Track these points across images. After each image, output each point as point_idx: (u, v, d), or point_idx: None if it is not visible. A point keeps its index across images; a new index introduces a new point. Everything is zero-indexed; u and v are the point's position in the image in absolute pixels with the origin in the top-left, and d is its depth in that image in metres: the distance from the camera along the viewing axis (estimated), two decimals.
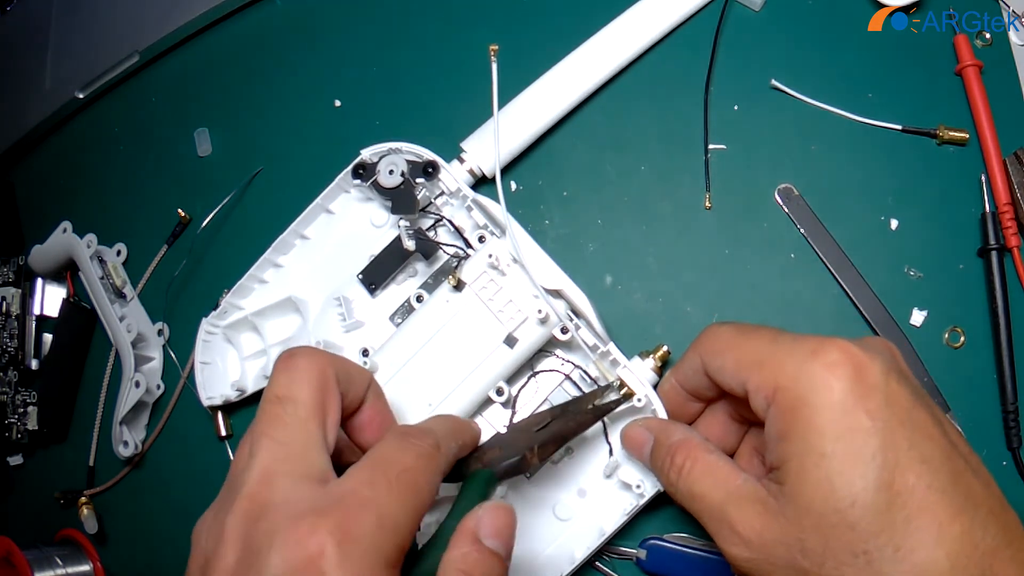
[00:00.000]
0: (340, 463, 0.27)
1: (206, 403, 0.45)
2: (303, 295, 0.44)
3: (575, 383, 0.40)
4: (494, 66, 0.39)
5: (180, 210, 0.50)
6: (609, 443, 0.39)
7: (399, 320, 0.43)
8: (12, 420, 0.53)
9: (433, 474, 0.27)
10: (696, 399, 0.36)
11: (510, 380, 0.40)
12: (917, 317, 0.39)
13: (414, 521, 0.25)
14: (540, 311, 0.38)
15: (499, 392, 0.39)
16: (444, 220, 0.42)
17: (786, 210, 0.41)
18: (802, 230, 0.41)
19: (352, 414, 0.31)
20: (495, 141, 0.40)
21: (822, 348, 0.27)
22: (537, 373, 0.41)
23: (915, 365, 0.39)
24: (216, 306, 0.45)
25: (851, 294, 0.40)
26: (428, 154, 0.41)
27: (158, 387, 0.49)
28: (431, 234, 0.42)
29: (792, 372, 0.28)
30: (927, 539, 0.25)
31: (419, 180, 0.41)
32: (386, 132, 0.45)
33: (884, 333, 0.39)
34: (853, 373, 0.27)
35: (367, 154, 0.42)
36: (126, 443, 0.47)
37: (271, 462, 0.25)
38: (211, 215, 0.48)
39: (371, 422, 0.31)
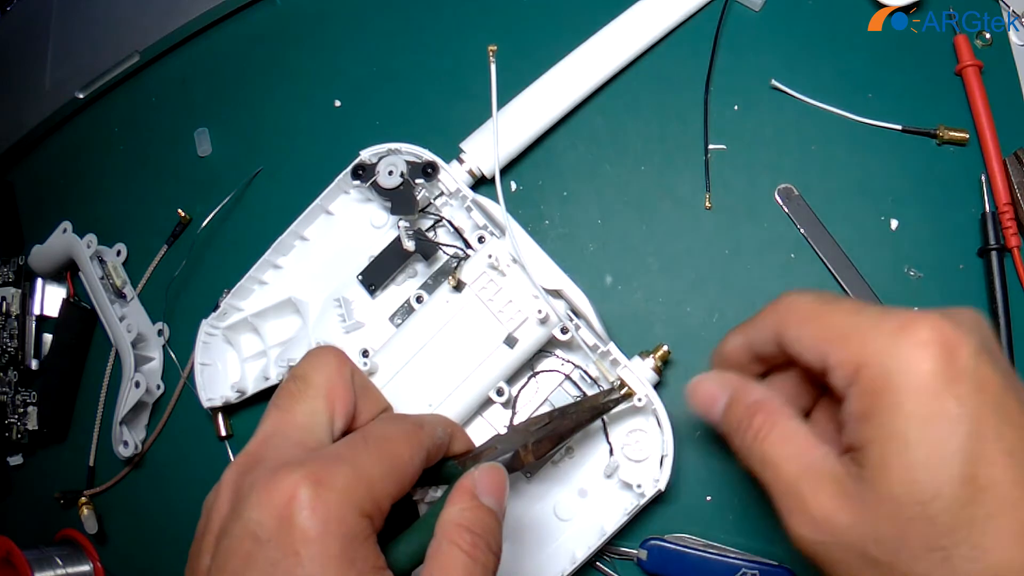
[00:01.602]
0: None
1: (206, 404, 0.45)
2: (303, 296, 0.44)
3: (575, 383, 0.40)
4: (492, 67, 0.39)
5: (180, 210, 0.50)
6: (609, 443, 0.39)
7: (399, 321, 0.43)
8: (12, 420, 0.53)
9: (413, 447, 0.28)
10: (760, 364, 0.33)
11: (510, 380, 0.40)
12: None
13: (392, 482, 0.26)
14: (540, 311, 0.38)
15: (499, 392, 0.39)
16: (444, 221, 0.42)
17: (786, 210, 0.41)
18: (802, 230, 0.41)
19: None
20: (494, 141, 0.40)
21: (911, 324, 0.25)
22: (537, 373, 0.41)
23: None
24: (216, 307, 0.45)
25: (851, 294, 0.40)
26: (427, 155, 0.41)
27: (158, 387, 0.49)
28: (431, 235, 0.42)
29: (877, 349, 0.26)
30: (1007, 539, 0.24)
31: (418, 181, 0.41)
32: (386, 132, 0.45)
33: None
34: (943, 353, 0.25)
35: (366, 155, 0.42)
36: (126, 443, 0.47)
37: (273, 427, 0.28)
38: (211, 215, 0.48)
39: None
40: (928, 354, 0.25)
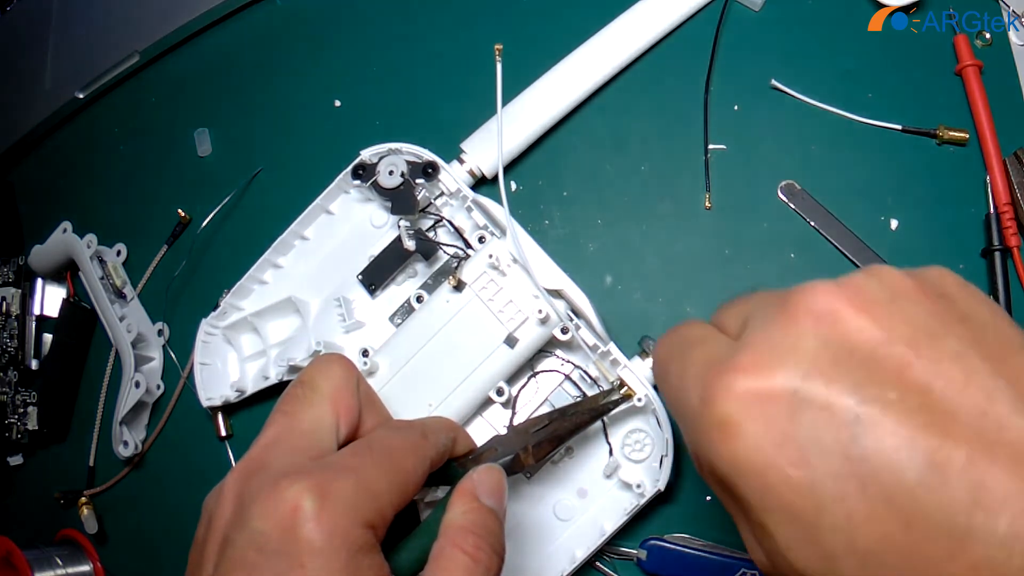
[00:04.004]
0: None
1: (206, 404, 0.45)
2: (303, 296, 0.44)
3: (575, 383, 0.40)
4: (499, 65, 0.39)
5: (180, 210, 0.50)
6: (609, 443, 0.39)
7: (399, 321, 0.43)
8: (12, 420, 0.53)
9: (418, 458, 0.28)
10: None
11: (510, 380, 0.40)
12: None
13: (396, 493, 0.26)
14: (540, 311, 0.38)
15: (499, 392, 0.39)
16: (444, 221, 0.42)
17: (792, 206, 0.41)
18: (812, 223, 0.41)
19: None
20: (498, 140, 0.40)
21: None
22: (537, 373, 0.41)
23: None
24: (216, 307, 0.45)
25: None
26: (428, 155, 0.41)
27: (158, 387, 0.49)
28: (431, 234, 0.42)
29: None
30: None
31: (419, 181, 0.41)
32: (386, 132, 0.45)
33: None
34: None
35: (367, 155, 0.42)
36: (126, 443, 0.47)
37: (278, 432, 0.27)
38: (211, 215, 0.47)
39: None
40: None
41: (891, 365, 0.19)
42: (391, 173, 0.41)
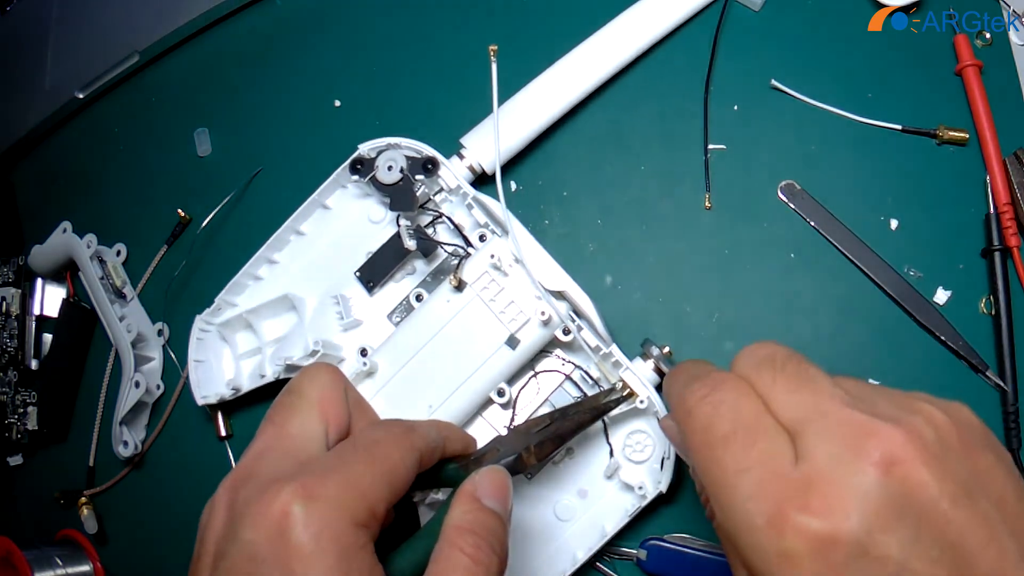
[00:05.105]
0: None
1: (201, 402, 0.45)
2: (299, 292, 0.44)
3: (576, 383, 0.40)
4: (494, 66, 0.39)
5: (180, 210, 0.50)
6: (610, 444, 0.39)
7: (398, 319, 0.42)
8: (12, 420, 0.53)
9: (404, 449, 0.27)
10: None
11: (511, 380, 0.40)
12: None
13: (384, 488, 0.26)
14: (543, 312, 0.38)
15: (500, 393, 0.39)
16: (443, 217, 0.42)
17: (792, 206, 0.41)
18: (812, 223, 0.41)
19: None
20: (495, 138, 0.40)
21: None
22: (538, 374, 0.41)
23: None
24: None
25: (874, 277, 0.39)
26: (427, 150, 0.41)
27: (158, 387, 0.49)
28: (430, 231, 0.42)
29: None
30: None
31: (418, 176, 0.41)
32: (386, 132, 0.44)
33: (914, 312, 0.39)
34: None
35: (365, 149, 0.41)
36: (126, 443, 0.47)
37: (266, 441, 0.27)
38: (211, 215, 0.47)
39: None
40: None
41: (938, 521, 0.22)
42: (390, 168, 0.41)
